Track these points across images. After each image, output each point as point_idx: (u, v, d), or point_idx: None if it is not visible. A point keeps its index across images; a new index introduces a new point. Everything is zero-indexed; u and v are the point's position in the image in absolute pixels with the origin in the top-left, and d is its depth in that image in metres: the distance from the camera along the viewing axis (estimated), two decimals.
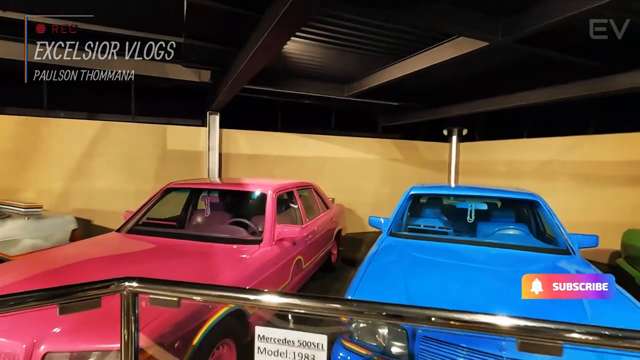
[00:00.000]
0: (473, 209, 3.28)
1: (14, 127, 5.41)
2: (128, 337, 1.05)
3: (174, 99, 7.19)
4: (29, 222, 3.95)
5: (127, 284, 1.05)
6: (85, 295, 1.02)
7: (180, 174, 6.40)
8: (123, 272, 2.36)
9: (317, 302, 1.21)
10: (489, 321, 1.03)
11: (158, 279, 1.05)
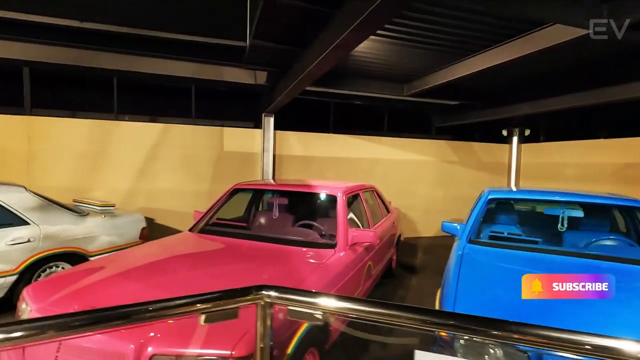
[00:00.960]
0: (565, 215, 2.96)
1: (87, 130, 5.77)
2: (263, 349, 0.97)
3: (229, 102, 7.35)
4: (105, 219, 4.15)
5: (264, 293, 0.96)
6: (224, 304, 0.95)
7: (236, 175, 6.52)
8: (213, 272, 2.40)
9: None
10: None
11: (298, 289, 0.96)
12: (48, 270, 3.61)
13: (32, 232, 3.43)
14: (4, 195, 3.36)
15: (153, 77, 6.20)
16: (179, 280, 2.17)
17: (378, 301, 1.00)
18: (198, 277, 2.21)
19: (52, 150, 5.59)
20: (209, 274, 2.27)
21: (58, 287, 2.07)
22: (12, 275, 3.29)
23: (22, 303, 2.05)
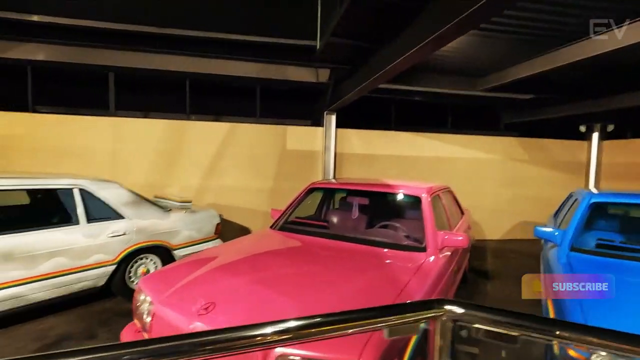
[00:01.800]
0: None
1: (162, 130, 6.13)
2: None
3: (288, 101, 7.46)
4: (186, 215, 4.36)
5: (447, 308, 0.90)
6: (399, 318, 0.90)
7: (297, 173, 6.60)
8: (314, 270, 2.41)
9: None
10: None
11: (490, 307, 0.88)
12: (139, 261, 3.87)
13: (127, 225, 3.69)
14: (104, 192, 3.65)
15: (221, 78, 6.44)
16: (283, 277, 2.19)
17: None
18: (301, 275, 2.22)
19: (132, 149, 6.01)
20: (311, 272, 2.27)
21: (172, 279, 2.17)
22: (111, 265, 3.56)
23: (140, 294, 2.18)
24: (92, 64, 5.93)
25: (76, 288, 3.35)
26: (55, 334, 3.05)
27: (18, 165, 5.69)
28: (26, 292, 3.00)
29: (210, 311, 1.74)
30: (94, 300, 3.68)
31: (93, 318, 3.37)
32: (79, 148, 5.82)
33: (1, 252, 2.84)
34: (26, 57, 5.73)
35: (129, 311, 3.56)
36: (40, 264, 3.06)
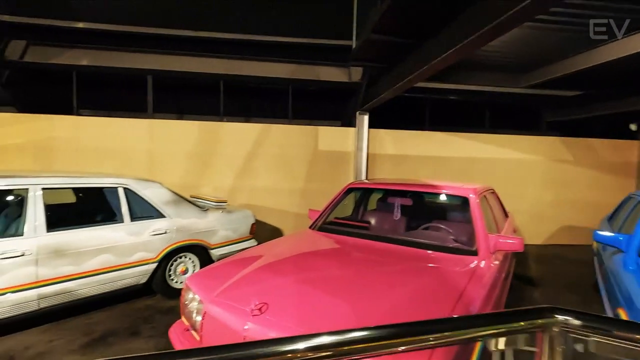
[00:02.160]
0: None
1: (197, 131, 6.23)
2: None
3: (318, 101, 7.42)
4: (223, 215, 4.38)
5: (559, 318, 0.79)
6: (504, 327, 0.79)
7: (329, 174, 6.53)
8: (356, 272, 2.33)
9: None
10: None
11: (611, 318, 0.76)
12: (179, 260, 3.92)
13: (168, 224, 3.75)
14: (147, 191, 3.72)
15: (254, 79, 6.49)
16: (332, 279, 2.11)
17: None
18: (349, 277, 2.13)
19: (168, 150, 6.15)
20: (359, 274, 2.18)
21: (219, 278, 2.15)
22: (153, 263, 3.62)
23: (187, 292, 2.17)
24: (132, 68, 6.13)
25: (120, 285, 3.42)
26: (101, 329, 3.11)
27: (62, 165, 5.94)
28: (75, 287, 3.08)
29: (263, 312, 1.68)
30: (135, 298, 3.75)
31: (136, 315, 3.43)
32: (118, 149, 6.02)
33: (54, 248, 2.93)
34: (72, 63, 5.99)
35: (170, 308, 3.62)
36: (88, 261, 3.14)
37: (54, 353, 2.73)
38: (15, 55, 5.74)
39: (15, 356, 2.67)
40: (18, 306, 2.79)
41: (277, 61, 6.46)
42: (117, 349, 2.81)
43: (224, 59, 6.35)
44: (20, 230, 2.85)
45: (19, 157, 5.82)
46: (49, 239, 2.93)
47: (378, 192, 3.92)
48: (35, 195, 2.97)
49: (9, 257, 2.71)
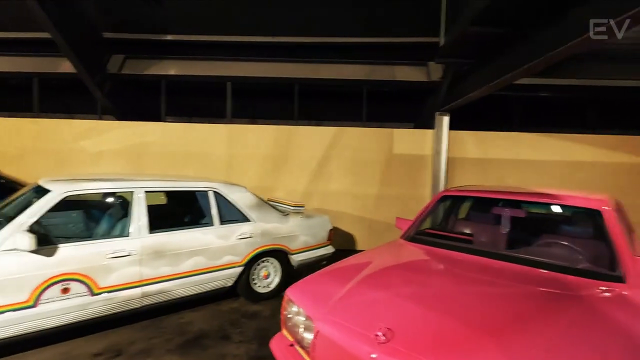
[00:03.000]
0: None
1: (272, 135, 6.31)
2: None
3: (393, 102, 7.12)
4: (303, 220, 4.31)
5: None
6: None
7: (404, 179, 6.19)
8: (481, 294, 2.04)
9: None
10: None
11: None
12: (261, 264, 3.91)
13: (253, 228, 3.75)
14: (234, 195, 3.77)
15: (328, 82, 6.41)
16: (456, 302, 1.84)
17: None
18: (477, 301, 1.85)
19: (244, 154, 6.31)
20: (486, 298, 1.88)
21: (323, 291, 2.01)
22: (239, 266, 3.64)
23: (290, 305, 2.06)
24: (213, 75, 6.40)
25: (210, 287, 3.48)
26: (194, 330, 3.18)
27: (149, 168, 6.40)
28: (172, 287, 3.19)
29: (390, 339, 1.48)
30: (220, 300, 3.81)
31: (223, 317, 3.46)
32: (198, 153, 6.32)
33: (155, 249, 3.06)
34: (161, 73, 6.44)
35: (254, 313, 3.62)
36: (183, 262, 3.23)
37: (154, 351, 2.82)
38: (115, 68, 6.32)
39: (122, 350, 2.81)
40: (125, 303, 2.94)
41: (352, 62, 6.31)
42: (212, 353, 2.82)
43: (298, 63, 6.36)
44: (127, 231, 3.02)
45: (114, 161, 6.39)
46: (150, 240, 3.06)
47: (474, 200, 3.53)
48: (139, 197, 3.13)
49: (118, 257, 2.86)
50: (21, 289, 2.46)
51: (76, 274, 2.67)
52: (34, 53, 6.57)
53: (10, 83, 7.23)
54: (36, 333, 2.58)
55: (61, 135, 6.43)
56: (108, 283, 2.82)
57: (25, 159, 6.36)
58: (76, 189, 2.88)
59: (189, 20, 6.18)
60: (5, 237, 2.46)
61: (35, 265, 2.51)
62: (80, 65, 5.63)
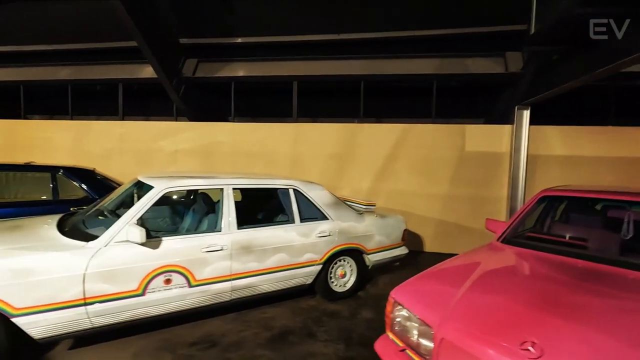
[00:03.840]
0: None
1: (337, 133, 6.26)
2: None
3: (463, 97, 6.74)
4: (377, 219, 4.20)
5: None
6: None
7: (477, 178, 5.82)
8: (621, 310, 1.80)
9: None
10: None
11: None
12: (338, 263, 3.87)
13: (331, 226, 3.72)
14: (312, 193, 3.77)
15: (395, 77, 6.22)
16: (595, 313, 1.63)
17: None
18: (614, 313, 1.62)
19: (309, 152, 6.33)
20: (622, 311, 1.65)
21: (433, 295, 1.90)
22: (318, 264, 3.63)
23: (397, 308, 1.97)
24: (280, 75, 6.52)
25: (291, 284, 3.51)
26: (278, 325, 3.21)
27: (219, 167, 6.68)
28: (258, 283, 3.25)
29: (541, 355, 1.33)
30: (297, 297, 3.82)
31: (304, 314, 3.47)
32: (265, 152, 6.46)
33: (243, 245, 3.14)
34: (230, 75, 6.69)
35: (334, 312, 3.58)
36: (268, 258, 3.28)
37: (245, 344, 2.89)
38: (189, 72, 6.68)
39: (216, 341, 2.91)
40: (216, 296, 3.05)
41: (421, 56, 6.06)
42: (301, 350, 2.82)
43: (364, 60, 6.26)
44: (218, 226, 3.12)
45: (188, 160, 6.76)
46: (239, 235, 3.15)
47: (579, 201, 3.17)
48: (228, 194, 3.23)
49: (212, 251, 2.97)
50: (132, 278, 2.64)
51: (177, 266, 2.81)
52: (119, 61, 7.16)
53: (98, 89, 7.97)
54: (141, 320, 2.76)
55: (141, 136, 6.94)
56: (203, 276, 2.94)
57: (111, 159, 6.96)
58: (175, 185, 3.03)
59: (257, 22, 6.33)
60: (118, 229, 2.65)
61: (143, 256, 2.68)
62: (161, 70, 6.02)
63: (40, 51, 7.28)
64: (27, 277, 2.29)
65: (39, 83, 7.71)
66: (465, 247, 5.85)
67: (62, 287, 2.39)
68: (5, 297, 2.23)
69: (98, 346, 2.77)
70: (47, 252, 2.42)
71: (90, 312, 2.49)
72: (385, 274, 4.72)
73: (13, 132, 7.53)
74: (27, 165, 4.55)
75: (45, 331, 2.38)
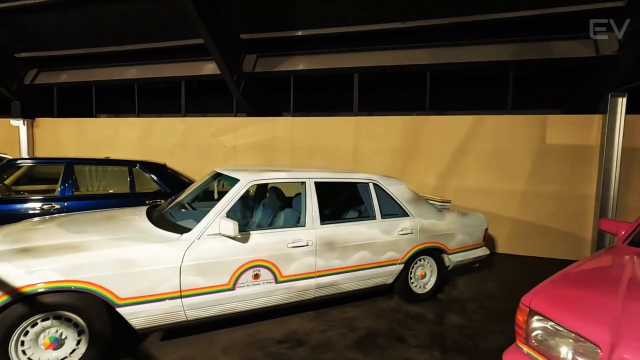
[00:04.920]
0: None
1: (401, 126, 5.98)
2: None
3: (544, 84, 6.17)
4: (458, 217, 3.91)
5: None
6: None
7: (560, 174, 5.30)
8: None
9: None
10: None
11: None
12: (418, 262, 3.63)
13: (412, 224, 3.49)
14: (392, 188, 3.55)
15: (466, 66, 5.81)
16: None
17: None
18: None
19: (371, 146, 6.11)
20: None
21: (587, 305, 1.62)
22: (400, 264, 3.42)
23: (536, 320, 1.71)
24: (340, 67, 6.34)
25: (372, 283, 3.33)
26: (363, 327, 3.05)
27: (279, 161, 6.64)
28: (340, 281, 3.11)
29: None
30: (374, 297, 3.64)
31: (386, 316, 3.28)
32: (325, 146, 6.33)
33: (326, 241, 3.00)
34: (290, 68, 6.62)
35: (418, 315, 3.33)
36: (351, 256, 3.13)
37: (334, 345, 2.75)
38: (249, 68, 6.70)
39: (303, 340, 2.80)
40: (301, 293, 2.94)
41: (494, 42, 5.61)
42: (394, 355, 2.63)
43: (430, 48, 5.90)
44: (302, 221, 3.01)
45: (248, 154, 6.80)
46: (323, 231, 3.01)
47: None
48: (310, 188, 3.10)
49: (297, 246, 2.86)
50: (223, 272, 2.59)
51: (265, 261, 2.73)
52: (182, 59, 7.36)
53: (160, 87, 8.27)
54: (229, 315, 2.70)
55: (202, 132, 7.09)
56: (289, 272, 2.84)
57: (174, 154, 7.18)
58: (260, 178, 2.96)
59: (318, 14, 6.18)
60: (208, 222, 2.61)
61: (234, 250, 2.62)
62: (225, 66, 6.07)
63: (110, 52, 7.67)
64: (131, 267, 2.30)
65: (109, 83, 8.14)
66: (545, 248, 5.39)
67: (161, 278, 2.38)
68: (111, 286, 2.25)
69: (188, 338, 2.76)
70: (147, 244, 2.42)
71: (186, 305, 2.47)
72: (462, 276, 4.41)
73: (85, 130, 8.04)
74: (107, 160, 4.75)
75: (145, 322, 2.39)
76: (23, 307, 2.08)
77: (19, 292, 2.05)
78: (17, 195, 4.38)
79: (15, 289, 2.04)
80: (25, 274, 2.08)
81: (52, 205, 4.02)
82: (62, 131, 8.22)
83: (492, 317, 3.34)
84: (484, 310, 3.50)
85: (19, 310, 2.07)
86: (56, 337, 2.19)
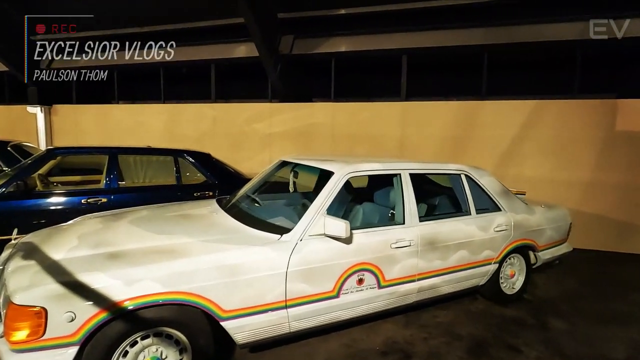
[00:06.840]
0: None
1: (453, 113, 5.61)
2: None
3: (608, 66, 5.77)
4: (546, 211, 3.59)
5: None
6: None
7: (632, 163, 4.95)
8: None
9: None
10: None
11: None
12: (508, 261, 3.32)
13: (506, 219, 3.18)
14: (483, 179, 3.23)
15: (527, 47, 5.40)
16: None
17: None
18: None
19: (420, 134, 5.75)
20: None
21: None
22: (494, 263, 3.12)
23: None
24: (387, 49, 5.92)
25: (467, 285, 3.03)
26: (464, 334, 2.76)
27: (318, 150, 6.29)
28: (440, 283, 2.81)
29: None
30: (456, 298, 3.34)
31: (482, 321, 2.99)
32: (369, 134, 5.97)
33: (427, 240, 2.68)
34: (331, 50, 6.20)
35: (516, 319, 3.05)
36: (451, 256, 2.82)
37: (444, 356, 2.47)
38: (286, 49, 6.27)
39: (407, 351, 2.52)
40: (403, 298, 2.65)
41: (558, 21, 5.18)
42: None
43: (489, 27, 5.48)
44: (399, 218, 2.69)
45: (284, 142, 6.43)
46: (423, 229, 2.69)
47: None
48: (406, 181, 2.76)
49: (400, 247, 2.54)
50: (329, 278, 2.27)
51: (369, 264, 2.42)
52: (211, 41, 6.91)
53: (184, 72, 7.83)
54: (329, 325, 2.41)
55: (234, 118, 6.71)
56: (392, 276, 2.53)
57: (204, 141, 6.81)
58: (357, 170, 2.61)
59: None
60: (309, 221, 2.28)
61: (338, 252, 2.30)
62: (263, 47, 5.65)
63: (132, 34, 7.21)
64: (235, 275, 1.98)
65: (132, 67, 7.70)
66: (612, 242, 5.07)
67: (267, 287, 2.07)
68: (216, 297, 1.94)
69: (280, 349, 2.47)
70: (247, 247, 2.10)
71: (291, 315, 2.17)
72: (539, 274, 4.11)
73: (107, 117, 7.65)
74: (151, 149, 4.40)
75: (249, 336, 2.09)
76: (123, 324, 1.77)
77: (119, 308, 1.73)
78: (61, 188, 4.03)
79: (115, 303, 1.73)
80: (124, 285, 1.76)
81: (99, 199, 3.69)
82: (82, 119, 7.83)
83: (596, 321, 3.06)
84: (581, 313, 3.21)
85: (118, 328, 1.76)
86: (157, 357, 1.89)
